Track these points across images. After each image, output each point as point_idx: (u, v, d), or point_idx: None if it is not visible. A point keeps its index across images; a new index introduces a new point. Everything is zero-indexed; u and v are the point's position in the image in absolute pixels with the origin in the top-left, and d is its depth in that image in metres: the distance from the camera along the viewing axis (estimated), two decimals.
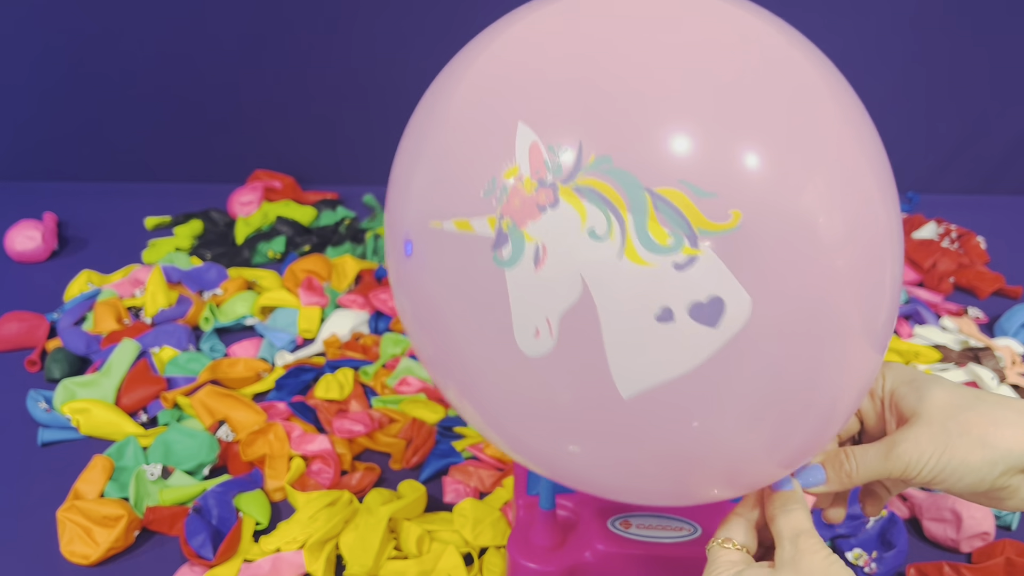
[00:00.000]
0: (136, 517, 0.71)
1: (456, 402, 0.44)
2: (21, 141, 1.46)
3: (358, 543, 0.68)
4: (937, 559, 0.70)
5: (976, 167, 1.50)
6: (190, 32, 1.36)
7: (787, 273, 0.35)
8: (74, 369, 0.94)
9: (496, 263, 0.37)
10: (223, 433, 0.83)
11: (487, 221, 0.37)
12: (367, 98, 1.43)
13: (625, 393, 0.36)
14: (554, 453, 0.42)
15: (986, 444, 0.41)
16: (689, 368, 0.35)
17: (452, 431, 0.84)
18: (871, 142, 0.41)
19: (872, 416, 0.48)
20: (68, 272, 1.14)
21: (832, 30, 1.37)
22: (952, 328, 1.04)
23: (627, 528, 0.58)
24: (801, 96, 0.38)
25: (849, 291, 0.38)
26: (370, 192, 1.39)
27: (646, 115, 0.35)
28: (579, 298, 0.35)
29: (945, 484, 0.42)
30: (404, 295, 0.43)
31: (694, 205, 0.34)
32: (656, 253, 0.34)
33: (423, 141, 0.42)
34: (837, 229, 0.36)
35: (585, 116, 0.36)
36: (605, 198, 0.34)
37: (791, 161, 0.36)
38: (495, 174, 0.37)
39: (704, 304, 0.34)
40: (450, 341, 0.41)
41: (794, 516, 0.43)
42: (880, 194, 0.39)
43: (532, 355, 0.37)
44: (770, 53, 0.39)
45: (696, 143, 0.35)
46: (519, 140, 0.36)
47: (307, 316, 1.03)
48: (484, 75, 0.40)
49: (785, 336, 0.36)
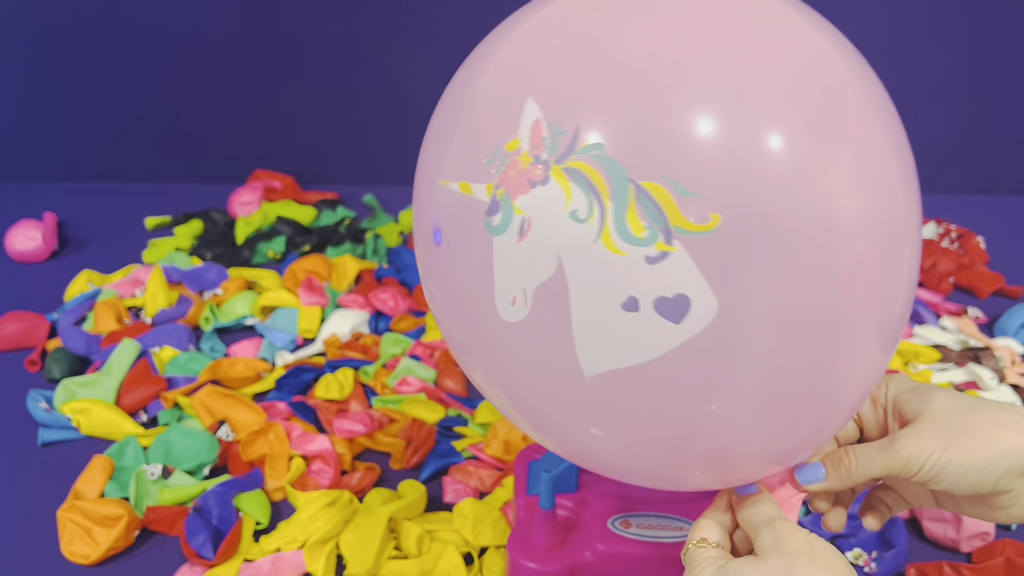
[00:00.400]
0: (136, 517, 0.71)
1: (483, 384, 0.45)
2: (21, 141, 1.46)
3: (358, 543, 0.68)
4: (937, 559, 0.70)
5: (976, 167, 1.50)
6: (190, 32, 1.36)
7: (772, 275, 0.35)
8: (74, 369, 0.94)
9: (487, 229, 0.38)
10: (223, 433, 0.83)
11: (485, 188, 0.38)
12: (367, 98, 1.43)
13: (587, 371, 0.37)
14: (569, 431, 0.42)
15: (990, 442, 0.41)
16: (649, 358, 0.36)
17: (452, 431, 0.84)
18: (890, 132, 0.40)
19: (873, 424, 0.48)
20: (68, 272, 1.15)
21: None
22: (952, 328, 1.04)
23: (627, 528, 0.58)
24: (823, 95, 0.37)
25: (856, 295, 0.38)
26: (370, 192, 1.39)
27: (647, 108, 0.35)
28: (554, 274, 0.36)
29: (947, 483, 0.42)
30: (433, 283, 0.44)
31: (675, 202, 0.34)
32: (630, 243, 0.35)
33: (455, 103, 0.43)
34: (841, 234, 0.36)
35: (590, 101, 0.36)
36: (591, 182, 0.35)
37: (812, 150, 0.35)
38: (499, 144, 0.38)
39: (669, 300, 0.35)
40: (473, 320, 0.42)
41: (764, 507, 0.43)
42: (901, 192, 0.39)
43: (509, 320, 0.39)
44: (792, 47, 0.38)
45: (689, 143, 0.35)
46: (525, 115, 0.37)
47: (307, 316, 1.03)
48: (511, 52, 0.41)
49: (779, 331, 0.36)
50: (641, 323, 0.35)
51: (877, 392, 0.47)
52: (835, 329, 0.38)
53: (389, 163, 1.47)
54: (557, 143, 0.36)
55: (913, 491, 0.48)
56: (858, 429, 0.49)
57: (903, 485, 0.49)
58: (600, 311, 0.36)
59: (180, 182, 1.48)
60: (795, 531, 0.41)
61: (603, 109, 0.36)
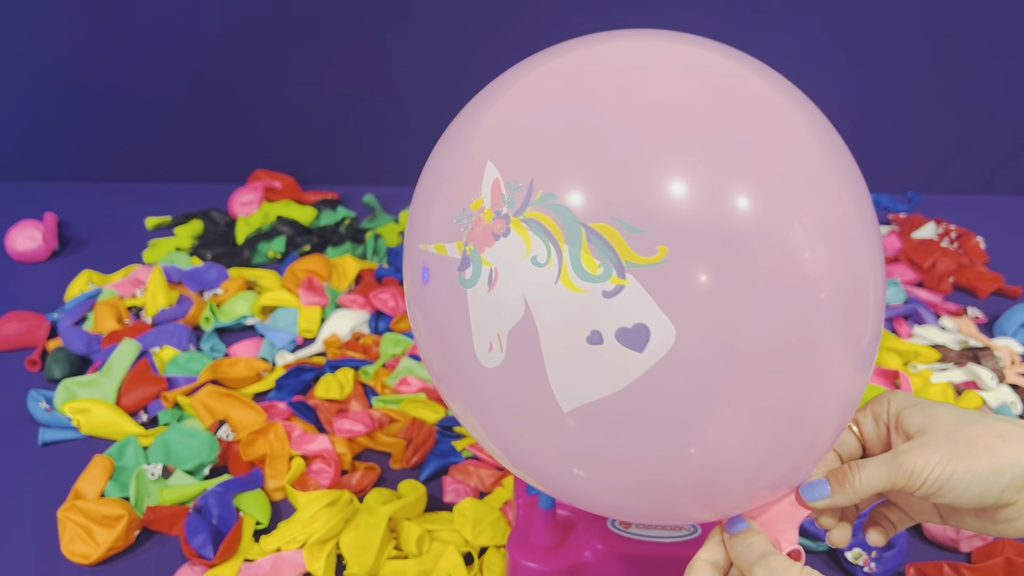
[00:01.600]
0: (136, 517, 0.71)
1: (462, 416, 0.48)
2: (22, 141, 1.46)
3: (358, 543, 0.68)
4: (937, 559, 0.70)
5: (976, 167, 1.50)
6: (190, 32, 1.36)
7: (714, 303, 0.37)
8: (75, 369, 0.94)
9: (460, 283, 0.41)
10: (223, 433, 0.83)
11: (456, 246, 0.42)
12: (368, 98, 1.43)
13: (564, 407, 0.40)
14: (550, 469, 0.44)
15: (993, 454, 0.41)
16: (619, 387, 0.38)
17: (452, 431, 0.84)
18: (812, 166, 0.41)
19: (876, 440, 0.48)
20: (68, 272, 1.15)
21: (832, 31, 1.37)
22: (951, 328, 1.04)
23: (627, 528, 0.59)
24: (742, 130, 0.40)
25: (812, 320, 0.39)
26: (370, 192, 1.39)
27: (588, 159, 0.39)
28: (522, 318, 0.39)
29: (951, 495, 0.42)
30: (420, 315, 0.47)
31: (623, 240, 0.37)
32: (587, 281, 0.38)
33: (431, 177, 0.47)
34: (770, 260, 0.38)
35: (539, 158, 0.40)
36: (547, 230, 0.38)
37: (726, 192, 0.38)
38: (465, 205, 0.42)
39: (629, 330, 0.37)
40: (453, 357, 0.44)
41: (755, 544, 0.43)
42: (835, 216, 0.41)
43: (489, 367, 0.41)
44: (713, 86, 0.41)
45: (630, 185, 0.38)
46: (486, 176, 0.41)
47: (307, 316, 1.03)
48: (476, 121, 0.45)
49: (743, 357, 0.38)
50: (607, 355, 0.38)
51: (879, 408, 0.47)
52: (804, 354, 0.39)
53: (389, 163, 1.47)
54: (515, 198, 0.40)
55: (917, 507, 0.48)
56: (860, 446, 0.49)
57: (907, 500, 0.49)
58: (568, 347, 0.38)
59: (180, 182, 1.48)
60: (788, 566, 0.41)
61: (551, 164, 0.39)
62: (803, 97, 0.44)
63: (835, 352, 0.40)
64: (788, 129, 0.41)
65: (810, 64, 1.36)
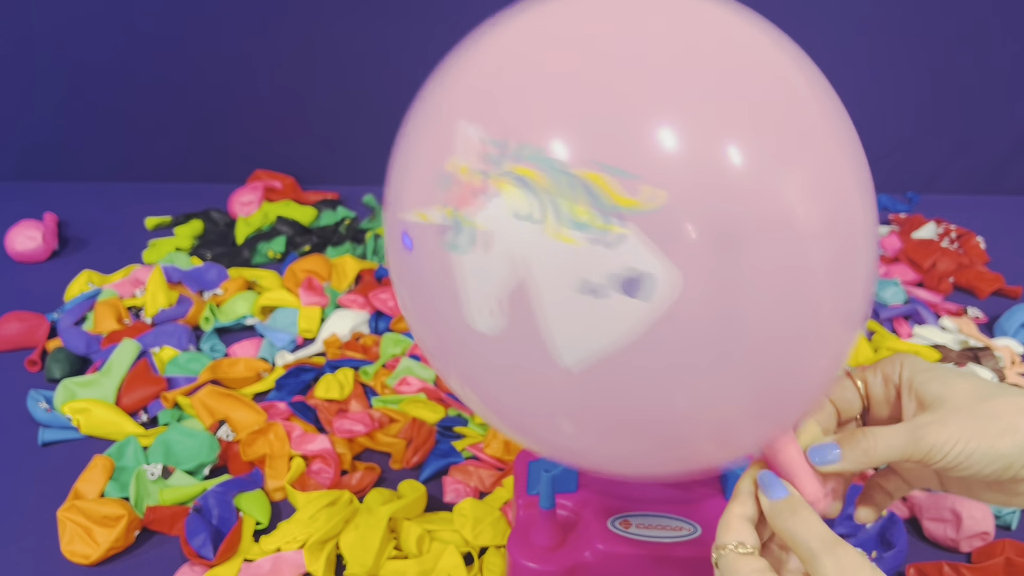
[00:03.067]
0: (136, 517, 0.71)
1: (459, 391, 0.46)
2: (22, 141, 1.46)
3: (358, 543, 0.68)
4: (937, 559, 0.70)
5: (976, 167, 1.51)
6: (190, 32, 1.36)
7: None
8: (74, 369, 0.94)
9: (447, 248, 0.39)
10: (223, 433, 0.83)
11: (437, 210, 0.40)
12: (367, 98, 1.43)
13: (572, 365, 0.38)
14: (547, 430, 0.43)
15: (1017, 431, 0.40)
16: (627, 340, 0.37)
17: (452, 431, 0.84)
18: (816, 118, 0.40)
19: (883, 401, 0.47)
20: (68, 272, 1.15)
21: (832, 31, 1.37)
22: (952, 328, 1.04)
23: (627, 528, 0.58)
24: (741, 82, 0.38)
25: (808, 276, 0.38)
26: (370, 192, 1.39)
27: (571, 103, 0.37)
28: (518, 276, 0.38)
29: (970, 471, 0.41)
30: (405, 288, 0.45)
31: (617, 186, 0.35)
32: (580, 231, 0.36)
33: (406, 141, 0.46)
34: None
35: (519, 112, 0.38)
36: (530, 183, 0.37)
37: (722, 142, 0.37)
38: (444, 166, 0.40)
39: (631, 279, 0.36)
40: (443, 328, 0.43)
41: (813, 525, 0.40)
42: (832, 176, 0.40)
43: (490, 333, 0.40)
44: (707, 34, 0.40)
45: (618, 128, 0.36)
46: (460, 134, 0.39)
47: (307, 316, 1.03)
48: (450, 82, 0.44)
49: (748, 305, 0.37)
50: (609, 306, 0.36)
51: (891, 369, 0.46)
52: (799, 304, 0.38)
53: (389, 163, 1.47)
54: (493, 154, 0.38)
55: (919, 474, 0.47)
56: (863, 405, 0.48)
57: (910, 469, 0.48)
58: (567, 302, 0.37)
59: (180, 182, 1.48)
60: (861, 565, 0.38)
61: (530, 115, 0.38)
62: (805, 57, 0.43)
63: (827, 305, 0.39)
64: (787, 84, 0.40)
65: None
